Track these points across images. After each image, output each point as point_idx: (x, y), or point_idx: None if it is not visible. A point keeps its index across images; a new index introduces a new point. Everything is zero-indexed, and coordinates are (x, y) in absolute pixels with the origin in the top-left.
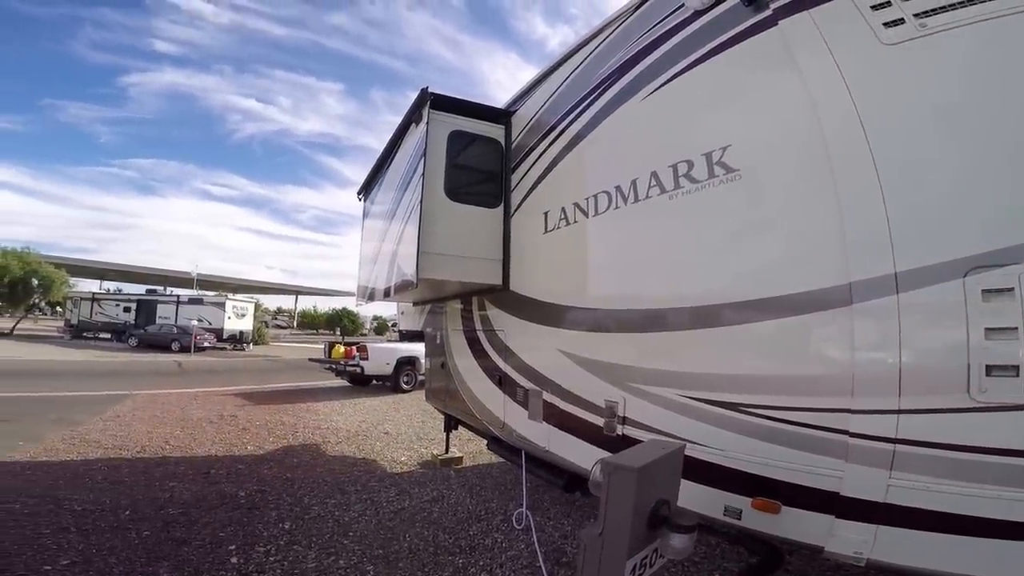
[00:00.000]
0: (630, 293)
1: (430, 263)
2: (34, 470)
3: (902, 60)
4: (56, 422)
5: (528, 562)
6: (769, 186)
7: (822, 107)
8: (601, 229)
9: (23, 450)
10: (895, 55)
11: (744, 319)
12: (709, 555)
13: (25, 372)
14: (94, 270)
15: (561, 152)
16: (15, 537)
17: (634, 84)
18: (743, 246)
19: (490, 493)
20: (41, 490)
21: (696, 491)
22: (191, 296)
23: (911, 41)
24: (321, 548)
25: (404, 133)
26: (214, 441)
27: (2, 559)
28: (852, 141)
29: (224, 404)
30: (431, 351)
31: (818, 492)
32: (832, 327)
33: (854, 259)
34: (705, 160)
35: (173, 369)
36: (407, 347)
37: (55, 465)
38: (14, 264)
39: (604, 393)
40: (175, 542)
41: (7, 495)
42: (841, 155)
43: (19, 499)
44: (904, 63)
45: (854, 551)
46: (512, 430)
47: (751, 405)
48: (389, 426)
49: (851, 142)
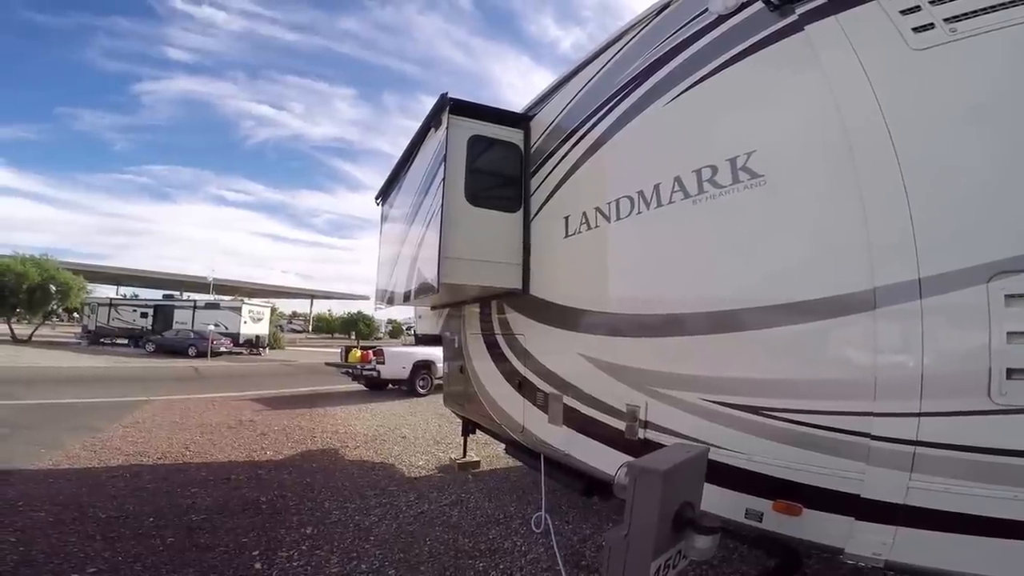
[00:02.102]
0: (653, 297)
1: (452, 268)
2: (57, 478)
3: (931, 65)
4: (77, 429)
5: (548, 565)
6: (794, 192)
7: (848, 112)
8: (624, 234)
9: (46, 458)
10: (924, 60)
11: (767, 323)
12: (727, 558)
13: (44, 379)
14: (110, 275)
15: (582, 157)
16: (42, 546)
17: (656, 89)
18: (767, 251)
19: (508, 497)
20: (65, 498)
21: (717, 494)
22: (207, 301)
23: (941, 46)
24: (343, 553)
25: (423, 138)
26: (233, 446)
27: (31, 568)
28: (878, 147)
29: (242, 409)
30: (449, 355)
31: (839, 494)
32: (855, 331)
33: (879, 264)
34: (730, 165)
35: (190, 374)
36: (423, 351)
37: (78, 472)
38: (32, 271)
39: (625, 397)
40: (199, 548)
41: (32, 503)
42: (866, 161)
43: (44, 507)
44: (933, 68)
45: (873, 552)
46: (532, 434)
47: (773, 408)
48: (406, 430)
49: (877, 148)
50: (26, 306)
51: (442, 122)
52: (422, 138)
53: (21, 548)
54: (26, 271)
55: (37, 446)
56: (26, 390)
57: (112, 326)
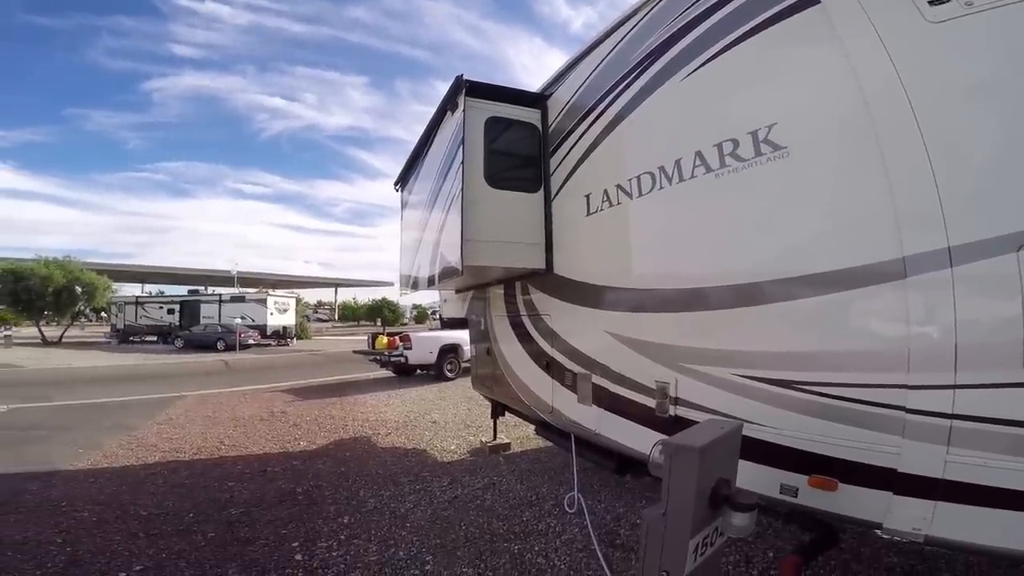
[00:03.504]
0: (678, 272)
1: (474, 250)
2: (97, 477)
3: (947, 37)
4: (112, 428)
5: (583, 545)
6: (818, 163)
7: (867, 84)
8: (646, 210)
9: (84, 458)
10: (940, 32)
11: (796, 295)
12: (762, 534)
13: (76, 380)
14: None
15: (600, 134)
16: (88, 545)
17: (673, 64)
18: (793, 222)
19: (540, 478)
20: (106, 497)
21: (752, 470)
22: (233, 294)
23: (957, 19)
24: (381, 540)
25: (440, 122)
26: (267, 438)
27: (79, 568)
28: (899, 118)
29: (273, 401)
30: (476, 338)
31: (875, 469)
32: (886, 302)
33: (907, 233)
34: (751, 138)
35: (220, 368)
36: (449, 335)
37: (116, 471)
38: (56, 273)
39: (655, 374)
40: (240, 542)
41: (75, 503)
42: (889, 132)
43: (86, 507)
44: (949, 40)
45: (912, 527)
46: (561, 414)
47: (805, 382)
48: (436, 415)
49: (898, 119)
50: (53, 308)
51: (458, 105)
52: (439, 122)
53: (68, 549)
54: (50, 273)
55: (75, 447)
56: (60, 391)
57: (140, 324)
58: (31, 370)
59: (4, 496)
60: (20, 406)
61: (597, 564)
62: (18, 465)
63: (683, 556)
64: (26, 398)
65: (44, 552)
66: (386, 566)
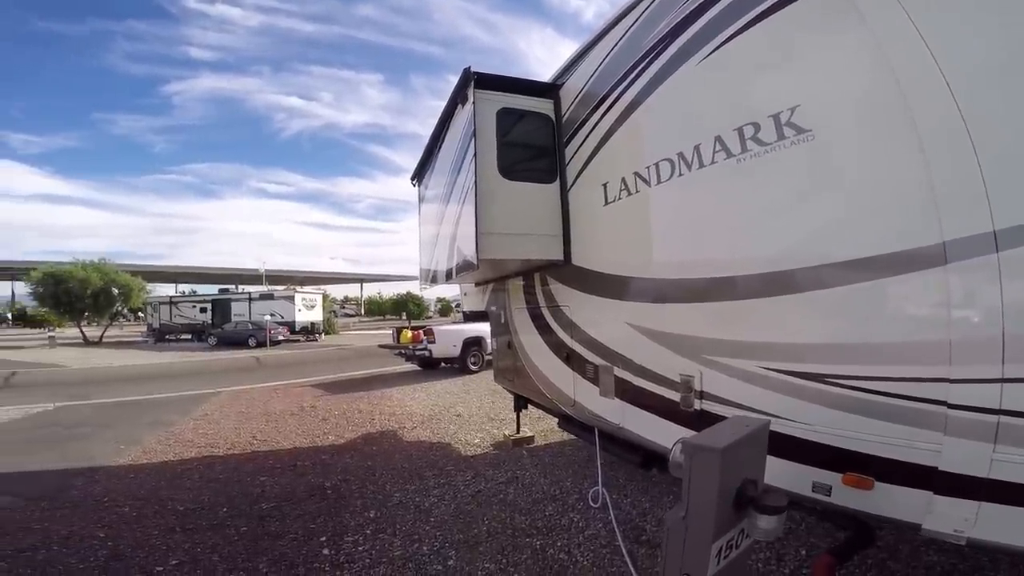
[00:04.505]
0: (702, 261)
1: (490, 243)
2: (137, 473)
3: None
4: (151, 425)
5: (607, 541)
6: (846, 145)
7: (896, 59)
8: (666, 197)
9: (125, 454)
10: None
11: (828, 283)
12: (794, 531)
13: (117, 378)
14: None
15: (616, 122)
16: (128, 540)
17: (688, 47)
18: (824, 207)
19: (564, 472)
20: (146, 492)
21: (782, 467)
22: (262, 292)
23: None
24: (405, 535)
25: (451, 115)
26: (297, 433)
27: (120, 562)
28: (935, 96)
29: (303, 396)
30: (496, 330)
31: (914, 467)
32: (926, 290)
33: (947, 217)
34: (773, 121)
35: (252, 365)
36: (472, 327)
37: (155, 467)
38: (93, 276)
39: (679, 367)
40: (271, 536)
41: (117, 499)
42: (924, 111)
43: (127, 502)
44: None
45: (954, 529)
46: (583, 408)
47: (839, 376)
48: (460, 408)
49: (934, 97)
50: (92, 309)
51: (468, 97)
52: (450, 115)
53: (110, 543)
54: (88, 276)
55: (117, 443)
56: (101, 389)
57: (175, 323)
58: (75, 369)
59: (52, 491)
60: (65, 404)
61: (621, 560)
62: (64, 461)
63: (705, 559)
64: (71, 396)
65: (87, 547)
66: (410, 561)
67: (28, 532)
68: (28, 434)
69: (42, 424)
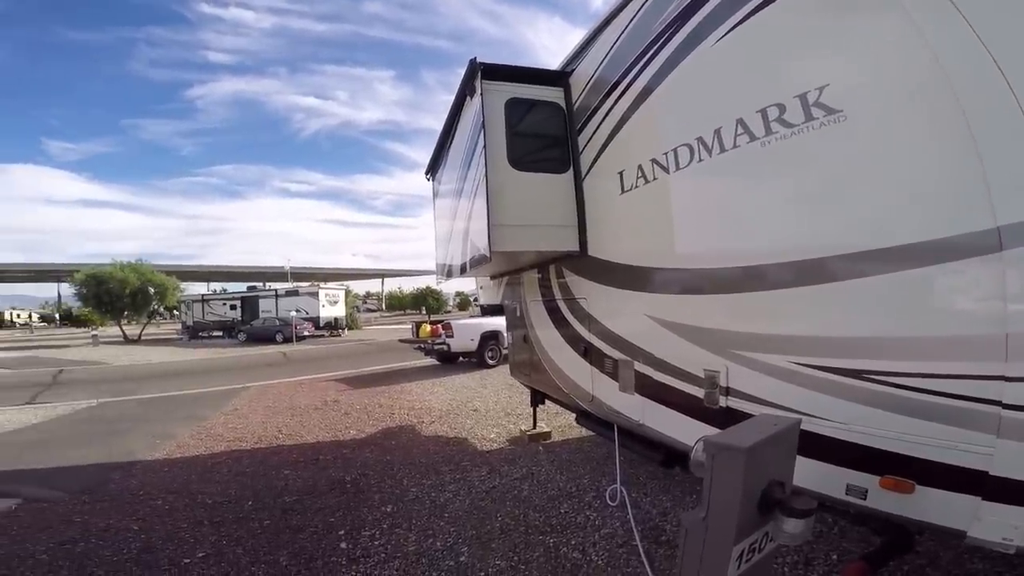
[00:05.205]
0: (727, 249)
1: (502, 236)
2: (171, 467)
3: None
4: (185, 419)
5: (624, 540)
6: (883, 124)
7: (935, 38)
8: (686, 184)
9: (161, 448)
10: None
11: (867, 272)
12: (825, 534)
13: (155, 374)
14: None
15: (630, 107)
16: (160, 532)
17: (703, 27)
18: (862, 190)
19: (581, 469)
20: (178, 485)
21: (813, 468)
22: (288, 289)
23: None
24: (420, 530)
25: (460, 108)
26: (321, 427)
27: (151, 554)
28: (981, 73)
29: (327, 390)
30: (512, 324)
31: (961, 471)
32: (978, 279)
33: (1001, 200)
34: (799, 102)
35: (280, 360)
36: (489, 321)
37: (187, 460)
38: (131, 276)
39: (703, 362)
40: (292, 530)
41: (151, 492)
42: (969, 89)
43: (160, 495)
44: None
45: (1003, 537)
46: (602, 403)
47: (878, 372)
48: (478, 403)
49: (980, 74)
50: (131, 308)
51: (476, 89)
52: (459, 108)
53: (143, 536)
54: (126, 277)
55: (153, 437)
56: (140, 385)
57: (207, 320)
58: (116, 367)
59: (94, 485)
60: (107, 400)
61: (637, 560)
62: (105, 455)
63: (725, 563)
64: (112, 392)
65: (122, 539)
66: (423, 556)
67: (69, 525)
68: (73, 429)
69: (85, 419)
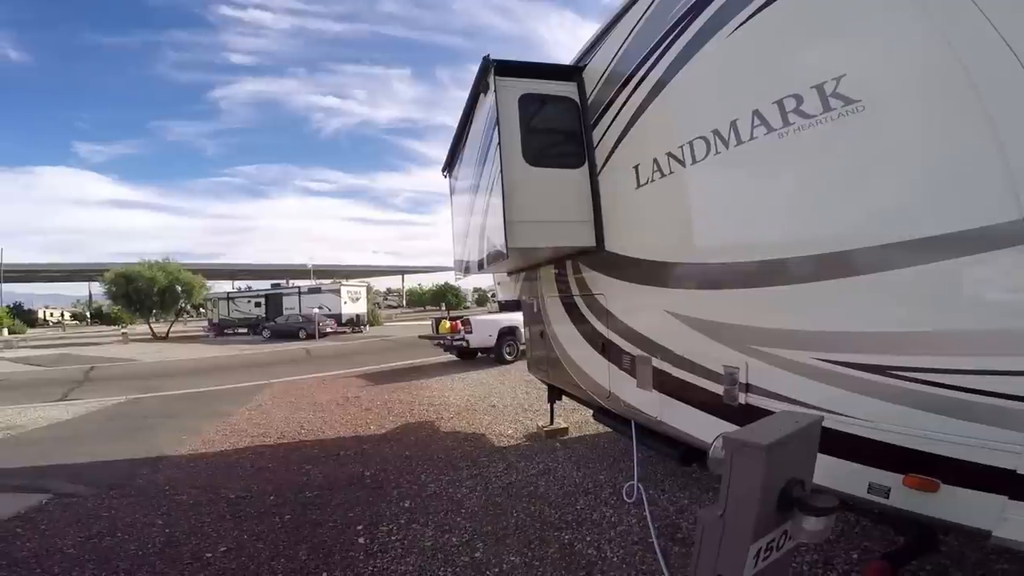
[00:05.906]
0: (746, 243)
1: (518, 232)
2: (196, 462)
3: None
4: (211, 415)
5: (640, 538)
6: (903, 114)
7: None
8: (702, 177)
9: (186, 444)
10: None
11: (891, 265)
12: (845, 532)
13: (182, 371)
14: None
15: (644, 101)
16: (184, 527)
17: (717, 18)
18: (884, 181)
19: (598, 465)
20: (202, 480)
21: (834, 465)
22: (310, 286)
23: None
24: (437, 526)
25: (474, 105)
26: (342, 423)
27: (173, 548)
28: (999, 62)
29: (348, 386)
30: (529, 320)
31: (988, 469)
32: (1005, 271)
33: None
34: (816, 92)
35: (302, 356)
36: (507, 317)
37: (212, 456)
38: (159, 275)
39: (722, 357)
40: (312, 525)
41: (176, 487)
42: (987, 78)
43: (186, 490)
44: None
45: None
46: (619, 400)
47: (903, 368)
48: (495, 399)
49: (998, 63)
50: (159, 306)
51: (489, 85)
52: (474, 105)
53: (167, 530)
54: (154, 275)
55: (179, 433)
56: (168, 382)
57: (232, 317)
58: (145, 363)
59: (122, 479)
60: (136, 396)
61: (653, 558)
62: (134, 451)
63: (742, 560)
64: (141, 389)
65: (147, 533)
66: (439, 551)
67: (97, 520)
68: (103, 424)
69: (115, 416)
